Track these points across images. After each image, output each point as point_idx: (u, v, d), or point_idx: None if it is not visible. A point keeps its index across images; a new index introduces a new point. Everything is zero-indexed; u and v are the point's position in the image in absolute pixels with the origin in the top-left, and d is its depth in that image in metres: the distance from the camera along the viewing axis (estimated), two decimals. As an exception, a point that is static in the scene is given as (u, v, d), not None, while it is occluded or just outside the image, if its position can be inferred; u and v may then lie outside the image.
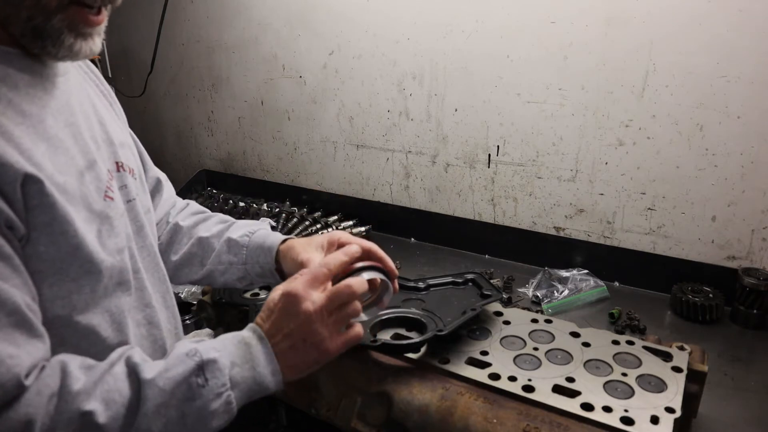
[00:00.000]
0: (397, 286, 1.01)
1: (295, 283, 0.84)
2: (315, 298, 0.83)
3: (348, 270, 0.95)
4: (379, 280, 0.98)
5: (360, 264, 0.96)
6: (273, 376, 0.81)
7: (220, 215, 1.21)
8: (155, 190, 1.19)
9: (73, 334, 0.79)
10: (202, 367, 0.75)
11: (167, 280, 1.03)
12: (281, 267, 1.09)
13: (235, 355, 0.79)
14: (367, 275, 0.94)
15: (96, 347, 0.81)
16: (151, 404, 0.72)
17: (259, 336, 0.83)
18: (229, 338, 0.82)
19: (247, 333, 0.83)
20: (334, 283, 0.88)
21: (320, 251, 1.04)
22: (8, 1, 0.71)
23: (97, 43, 0.80)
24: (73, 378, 0.71)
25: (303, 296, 0.83)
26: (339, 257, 0.90)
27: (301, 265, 1.01)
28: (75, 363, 0.73)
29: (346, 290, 0.85)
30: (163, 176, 1.23)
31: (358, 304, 0.87)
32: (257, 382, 0.80)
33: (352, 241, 1.05)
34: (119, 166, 0.93)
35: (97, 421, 0.68)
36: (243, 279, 1.13)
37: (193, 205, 1.26)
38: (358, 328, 0.89)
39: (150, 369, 0.75)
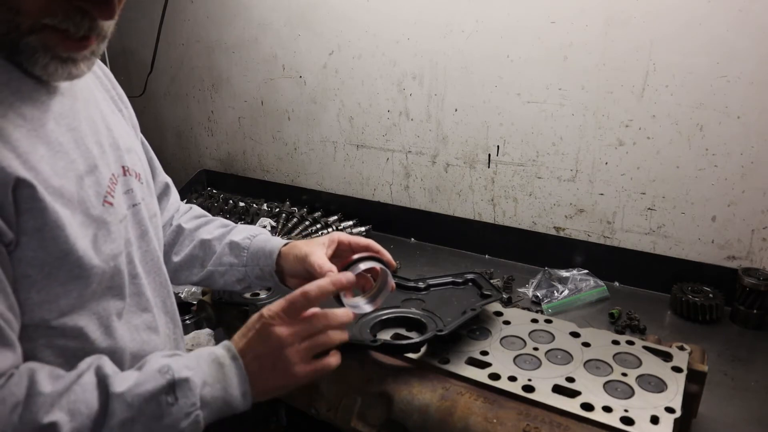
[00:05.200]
0: (393, 283, 1.04)
1: (273, 307, 0.85)
2: (289, 324, 0.84)
3: (347, 261, 1.00)
4: (378, 269, 1.02)
5: (357, 255, 1.01)
6: (243, 397, 0.81)
7: (221, 219, 1.24)
8: (163, 194, 1.21)
9: (60, 336, 0.79)
10: (173, 386, 0.75)
11: (168, 285, 1.03)
12: (282, 269, 1.11)
13: (207, 374, 0.79)
14: (364, 265, 0.99)
15: (84, 350, 0.81)
16: (117, 419, 0.71)
17: (233, 356, 0.82)
18: (203, 356, 0.82)
19: (221, 351, 0.83)
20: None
21: (322, 247, 1.06)
22: None
23: (81, 68, 0.78)
24: (41, 387, 0.70)
25: (277, 321, 0.83)
26: (325, 286, 0.88)
27: (304, 258, 1.03)
28: (43, 372, 0.73)
29: (323, 321, 0.86)
30: (170, 181, 1.25)
31: (332, 336, 0.87)
32: (227, 402, 0.80)
33: (352, 240, 1.08)
34: (125, 171, 0.93)
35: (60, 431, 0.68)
36: (242, 281, 1.15)
37: (195, 209, 1.28)
38: (331, 360, 0.88)
39: (120, 383, 0.74)
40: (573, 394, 0.97)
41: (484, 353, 1.09)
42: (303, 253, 1.05)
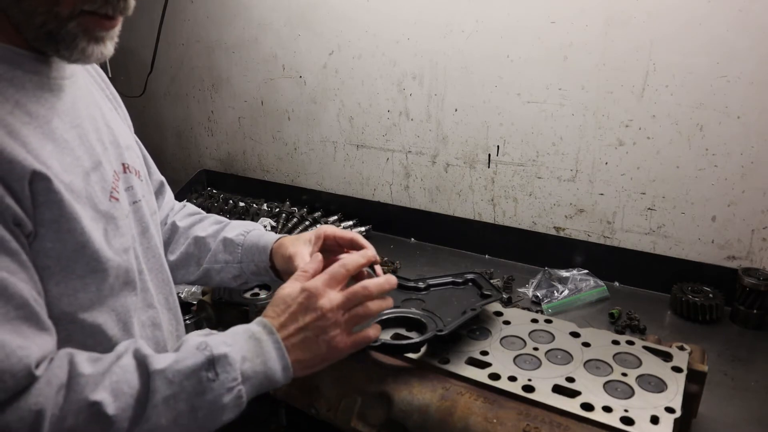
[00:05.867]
0: (381, 271, 1.03)
1: (315, 281, 0.87)
2: (332, 296, 0.87)
3: (330, 263, 0.97)
4: (365, 273, 1.02)
5: (342, 256, 1.01)
6: (284, 371, 0.83)
7: (215, 216, 1.24)
8: (159, 192, 1.21)
9: (79, 331, 0.80)
10: (213, 362, 0.76)
11: (170, 282, 1.04)
12: (275, 265, 1.11)
13: (245, 349, 0.80)
14: None
15: (102, 346, 0.82)
16: (160, 396, 0.72)
17: (269, 330, 0.84)
18: (239, 333, 0.83)
19: (256, 328, 0.84)
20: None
21: (308, 245, 1.07)
22: (22, 8, 0.72)
23: (109, 47, 0.81)
24: (81, 369, 0.71)
25: (322, 293, 0.86)
26: (357, 259, 0.92)
27: (289, 259, 1.05)
28: (82, 355, 0.74)
29: (363, 291, 0.88)
30: (164, 180, 1.26)
31: (371, 306, 0.90)
32: (268, 377, 0.81)
33: (338, 234, 1.08)
34: (125, 168, 0.94)
35: (105, 411, 0.69)
36: (238, 278, 1.15)
37: (189, 207, 1.28)
38: (370, 331, 0.91)
39: (159, 361, 0.75)
40: (573, 394, 0.97)
41: (484, 353, 1.09)
42: (288, 253, 1.06)
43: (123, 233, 0.86)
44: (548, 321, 1.20)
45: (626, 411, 0.92)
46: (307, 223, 2.18)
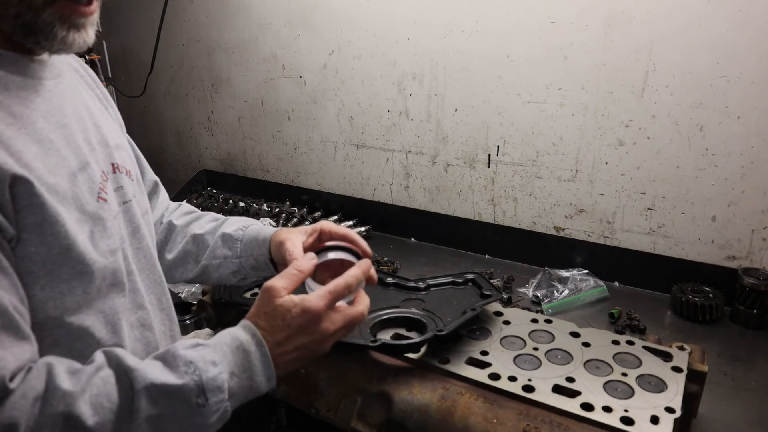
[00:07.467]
0: (375, 276, 0.99)
1: (319, 302, 0.85)
2: (334, 319, 0.86)
3: (317, 248, 0.97)
4: (352, 261, 0.98)
5: (329, 243, 0.98)
6: (268, 381, 0.82)
7: (212, 213, 1.23)
8: (152, 192, 1.21)
9: (66, 335, 0.79)
10: (203, 388, 0.74)
11: (163, 282, 1.03)
12: (273, 257, 1.10)
13: (233, 364, 0.78)
14: (333, 255, 0.96)
15: (90, 348, 0.80)
16: (144, 415, 0.71)
17: (258, 342, 0.81)
18: (226, 343, 0.80)
19: (245, 336, 0.81)
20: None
21: (302, 235, 1.06)
22: None
23: (90, 34, 0.80)
24: (60, 380, 0.69)
25: (324, 317, 0.85)
26: (359, 277, 0.90)
27: (280, 245, 1.04)
28: (62, 366, 0.72)
29: (360, 318, 0.89)
30: (158, 180, 1.25)
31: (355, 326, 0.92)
32: (253, 389, 0.80)
33: (333, 229, 1.07)
34: (115, 168, 0.93)
35: (84, 424, 0.67)
36: (237, 273, 1.14)
37: (185, 206, 1.28)
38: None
39: (144, 376, 0.73)
40: (573, 394, 0.97)
41: (484, 353, 1.09)
42: (280, 239, 1.05)
43: (110, 234, 0.85)
44: (548, 321, 1.20)
45: (626, 411, 0.92)
46: (307, 223, 2.19)
